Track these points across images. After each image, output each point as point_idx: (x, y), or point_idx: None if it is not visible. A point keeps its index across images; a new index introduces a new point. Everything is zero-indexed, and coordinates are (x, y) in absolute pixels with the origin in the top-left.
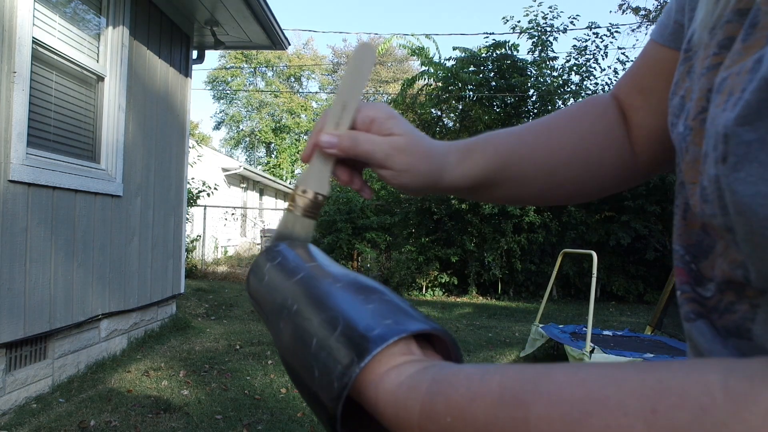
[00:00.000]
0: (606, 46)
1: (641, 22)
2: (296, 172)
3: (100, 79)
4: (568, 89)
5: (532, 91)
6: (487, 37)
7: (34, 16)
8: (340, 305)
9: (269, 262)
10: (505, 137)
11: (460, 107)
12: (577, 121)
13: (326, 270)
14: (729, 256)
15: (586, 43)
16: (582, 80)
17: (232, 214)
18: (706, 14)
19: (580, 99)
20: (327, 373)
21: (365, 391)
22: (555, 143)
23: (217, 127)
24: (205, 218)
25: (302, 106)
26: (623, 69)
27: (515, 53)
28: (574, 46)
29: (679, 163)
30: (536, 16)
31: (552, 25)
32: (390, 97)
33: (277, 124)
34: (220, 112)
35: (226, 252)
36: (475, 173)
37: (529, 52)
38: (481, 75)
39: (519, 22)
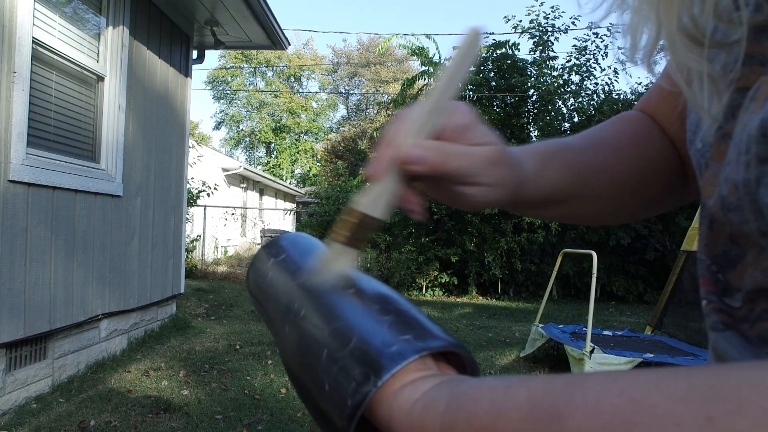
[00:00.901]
0: (606, 46)
1: None
2: (296, 172)
3: (100, 79)
4: (568, 89)
5: (532, 91)
6: (487, 37)
7: (34, 16)
8: (353, 315)
9: (272, 258)
10: (578, 150)
11: None
12: (637, 144)
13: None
14: (761, 264)
15: (586, 43)
16: (582, 80)
17: (232, 214)
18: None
19: (580, 99)
20: (339, 390)
21: (377, 410)
22: (624, 165)
23: (217, 127)
24: (205, 218)
25: (302, 106)
26: (623, 69)
27: (515, 53)
28: (575, 46)
29: (699, 180)
30: (537, 15)
31: (554, 26)
32: (390, 97)
33: (277, 124)
34: (220, 112)
35: (226, 252)
36: (551, 186)
37: (530, 51)
38: (481, 75)
39: (521, 21)
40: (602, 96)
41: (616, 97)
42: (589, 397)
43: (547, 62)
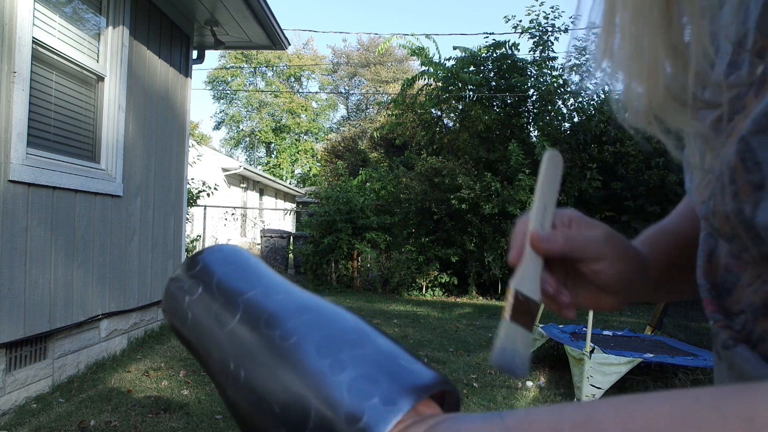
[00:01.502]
0: None
1: None
2: (296, 172)
3: (100, 79)
4: (568, 89)
5: (532, 91)
6: (487, 37)
7: (34, 16)
8: (303, 380)
9: (188, 295)
10: (670, 225)
11: (460, 107)
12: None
13: (270, 309)
14: (763, 290)
15: (586, 43)
16: (582, 80)
17: (232, 214)
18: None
19: (580, 99)
20: None
21: None
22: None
23: (217, 127)
24: (205, 218)
25: (302, 106)
26: None
27: (515, 53)
28: (574, 45)
29: (699, 214)
30: (537, 15)
31: (554, 26)
32: (390, 97)
33: (277, 124)
34: (220, 112)
35: None
36: (665, 261)
37: (530, 51)
38: (481, 75)
39: (521, 21)
40: (602, 96)
41: (616, 97)
42: None
43: (547, 62)
